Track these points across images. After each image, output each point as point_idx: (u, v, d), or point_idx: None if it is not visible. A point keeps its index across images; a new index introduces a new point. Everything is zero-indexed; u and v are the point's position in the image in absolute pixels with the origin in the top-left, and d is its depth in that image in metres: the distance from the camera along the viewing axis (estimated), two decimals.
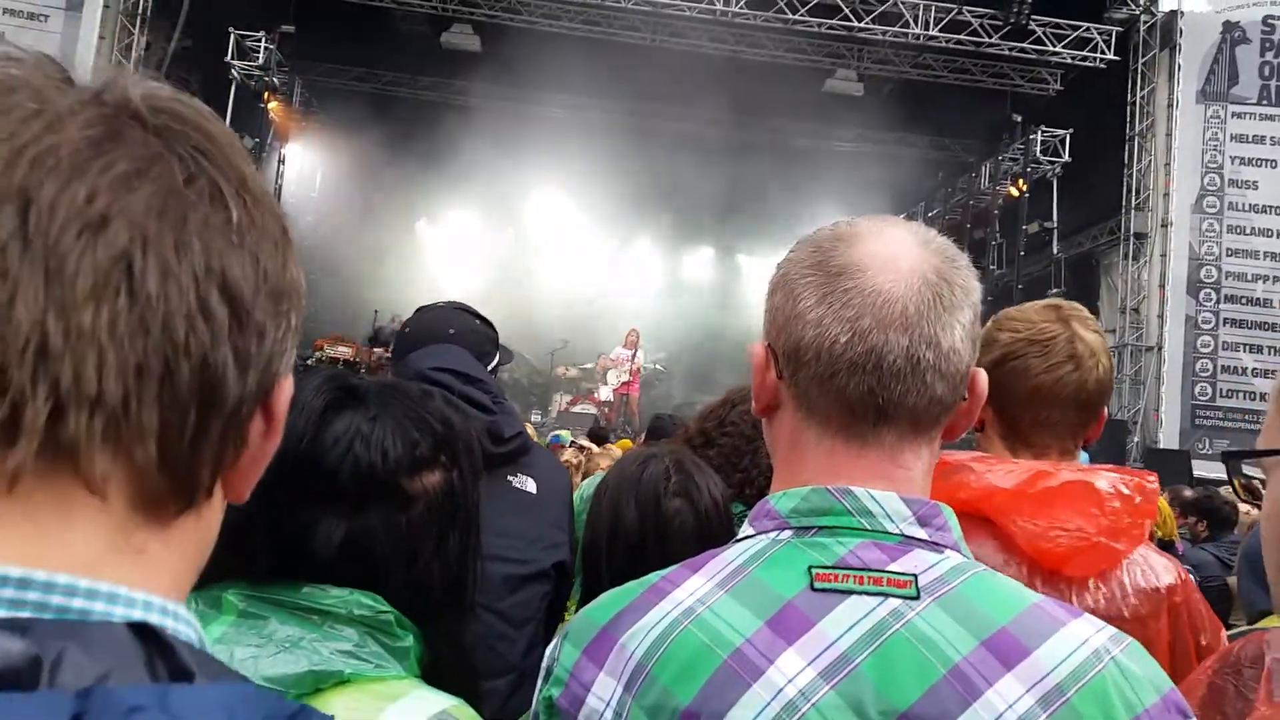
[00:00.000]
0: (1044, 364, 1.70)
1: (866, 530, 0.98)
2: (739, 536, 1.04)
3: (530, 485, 2.15)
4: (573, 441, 9.31)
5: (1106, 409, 1.80)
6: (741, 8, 14.63)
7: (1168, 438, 15.06)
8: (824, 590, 0.94)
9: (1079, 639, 0.93)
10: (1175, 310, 15.44)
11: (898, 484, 1.00)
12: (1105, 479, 1.62)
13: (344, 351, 14.47)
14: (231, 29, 14.83)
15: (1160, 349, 15.45)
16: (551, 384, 17.43)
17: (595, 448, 8.25)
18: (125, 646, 0.47)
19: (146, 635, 0.48)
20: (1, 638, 0.43)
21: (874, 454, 1.01)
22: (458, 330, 2.36)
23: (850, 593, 0.94)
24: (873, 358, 0.97)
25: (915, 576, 0.95)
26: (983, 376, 1.05)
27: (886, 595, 0.94)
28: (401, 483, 1.22)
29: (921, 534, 0.98)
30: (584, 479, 5.53)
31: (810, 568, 0.96)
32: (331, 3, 15.45)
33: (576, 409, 15.48)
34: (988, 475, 1.63)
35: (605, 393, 16.10)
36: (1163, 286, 15.53)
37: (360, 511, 1.19)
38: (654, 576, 1.02)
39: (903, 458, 1.01)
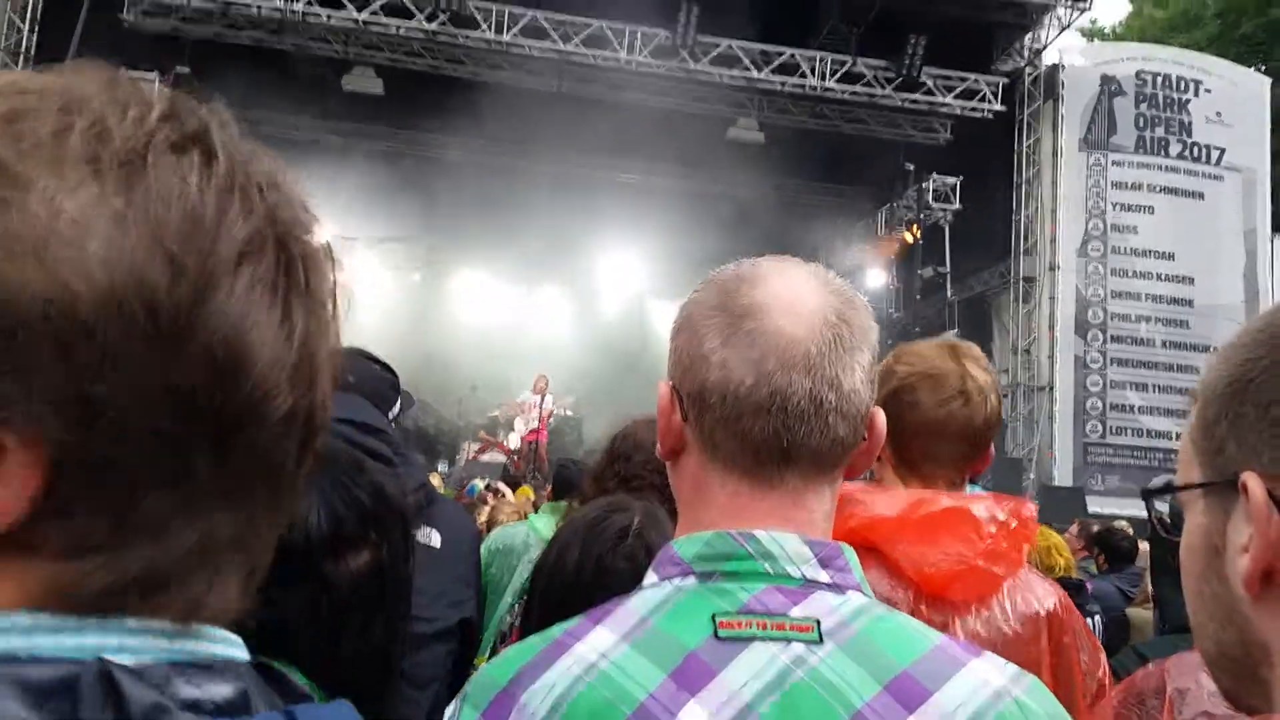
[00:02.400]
0: (935, 398, 1.76)
1: (769, 574, 0.97)
2: (643, 585, 1.02)
3: (435, 539, 2.09)
4: (487, 484, 9.17)
5: (993, 446, 1.88)
6: (645, 57, 14.87)
7: (1062, 475, 15.60)
8: (728, 639, 0.93)
9: (980, 680, 0.94)
10: (1065, 351, 16.07)
11: (800, 525, 1.00)
12: (982, 505, 1.69)
13: None
14: (123, 69, 14.40)
15: (1052, 389, 16.03)
16: (460, 432, 17.17)
17: (509, 492, 8.16)
18: (259, 680, 0.57)
19: (261, 670, 0.58)
20: (217, 678, 0.53)
21: (777, 496, 1.00)
22: (356, 378, 2.30)
23: (754, 639, 0.93)
24: (777, 399, 0.97)
25: (818, 621, 0.94)
26: (881, 416, 1.06)
27: (790, 640, 0.93)
28: (324, 565, 1.15)
29: (823, 576, 0.98)
30: (489, 530, 5.45)
31: (714, 615, 0.94)
32: (229, 45, 15.18)
33: (485, 457, 15.27)
34: (873, 505, 1.67)
35: (514, 440, 15.89)
36: (1052, 328, 16.16)
37: (279, 595, 1.13)
38: (556, 630, 0.99)
39: (805, 499, 1.01)
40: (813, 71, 15.25)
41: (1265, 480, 0.68)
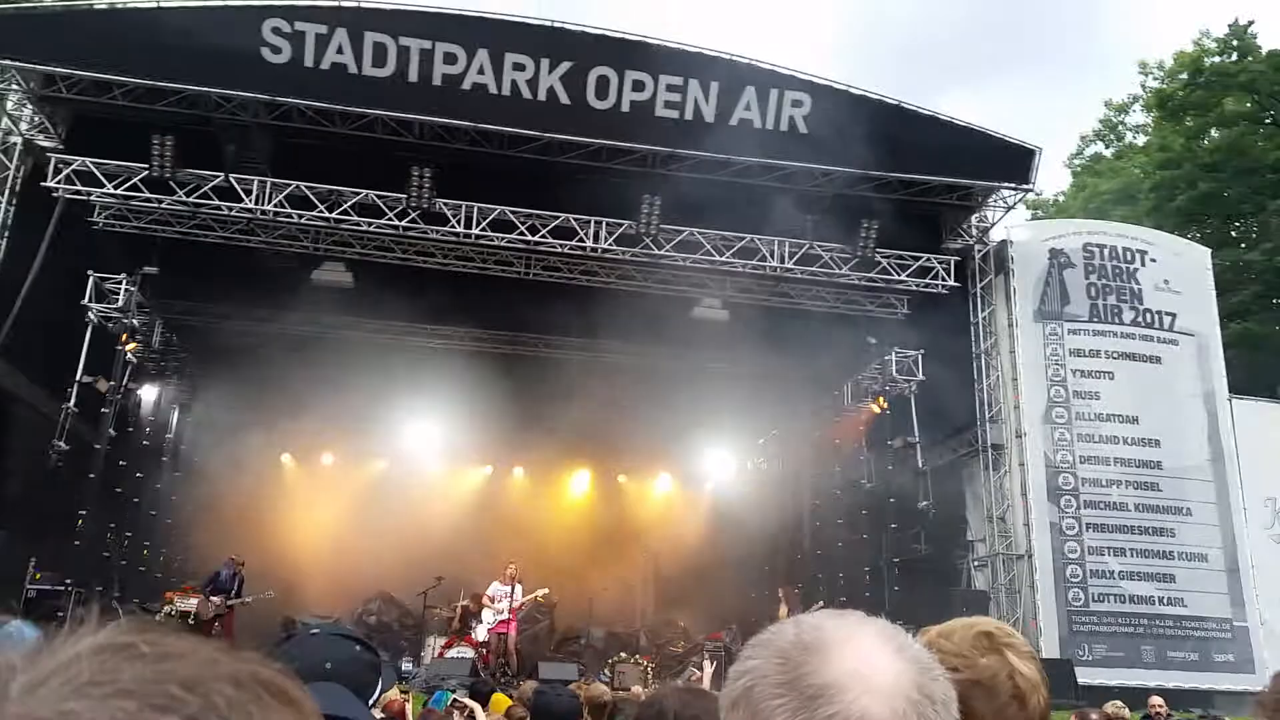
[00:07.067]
0: (990, 707, 1.65)
1: None
2: None
3: None
4: (454, 701, 8.68)
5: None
6: (610, 244, 15.25)
7: (1048, 645, 15.18)
8: None
9: None
10: (1039, 518, 15.99)
11: None
12: None
13: (191, 604, 14.78)
14: (91, 272, 14.46)
15: (1030, 557, 15.85)
16: (424, 626, 16.50)
17: (478, 709, 7.70)
18: None
19: None
20: None
21: None
22: (334, 664, 2.14)
23: None
24: None
25: None
26: None
27: None
28: None
29: None
30: None
31: None
32: (198, 244, 15.33)
33: (452, 653, 14.62)
34: None
35: (481, 633, 15.20)
36: (1025, 495, 16.13)
37: None
38: None
39: None
40: (772, 255, 15.70)
41: None
